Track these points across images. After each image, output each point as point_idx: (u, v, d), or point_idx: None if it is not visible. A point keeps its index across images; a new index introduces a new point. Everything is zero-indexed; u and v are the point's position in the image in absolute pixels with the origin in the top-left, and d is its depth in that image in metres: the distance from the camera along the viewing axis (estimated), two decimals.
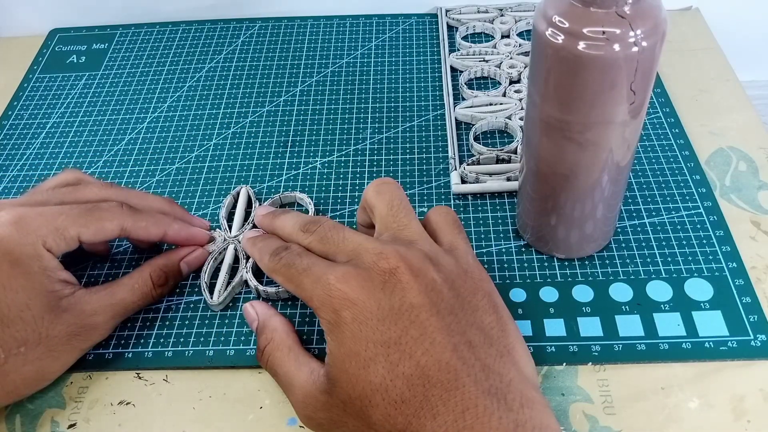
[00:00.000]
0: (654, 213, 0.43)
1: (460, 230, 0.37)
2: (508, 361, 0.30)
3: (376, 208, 0.36)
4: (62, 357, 0.36)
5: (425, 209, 0.44)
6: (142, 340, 0.39)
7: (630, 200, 0.44)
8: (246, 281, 0.40)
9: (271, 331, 0.36)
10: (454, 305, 0.31)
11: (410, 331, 0.30)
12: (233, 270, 0.41)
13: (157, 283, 0.39)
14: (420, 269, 0.32)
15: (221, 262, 0.42)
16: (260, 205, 0.44)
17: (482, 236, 0.42)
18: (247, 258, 0.41)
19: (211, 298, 0.39)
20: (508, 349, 0.31)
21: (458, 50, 0.56)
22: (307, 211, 0.44)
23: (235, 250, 0.42)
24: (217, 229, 0.43)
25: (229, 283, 0.40)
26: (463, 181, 0.45)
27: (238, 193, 0.46)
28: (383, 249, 0.32)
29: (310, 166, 0.48)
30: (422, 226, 0.36)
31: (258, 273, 0.41)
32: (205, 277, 0.41)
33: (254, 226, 0.43)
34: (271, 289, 0.39)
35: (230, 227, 0.43)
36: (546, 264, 0.41)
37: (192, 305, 0.40)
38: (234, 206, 0.45)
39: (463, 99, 0.52)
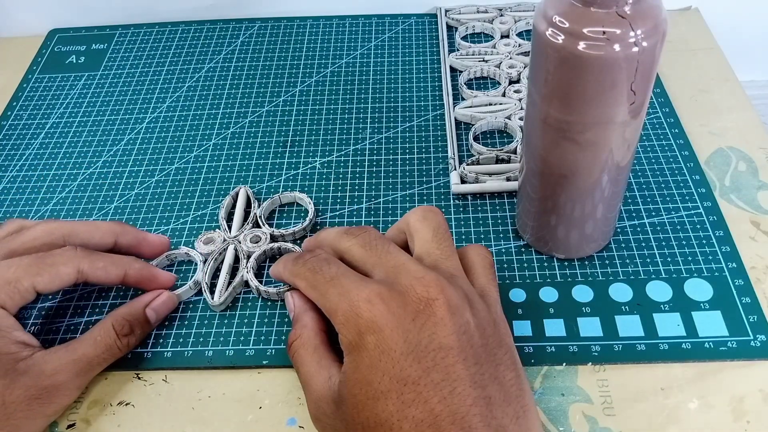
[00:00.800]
0: (654, 213, 0.43)
1: (494, 276, 0.35)
2: (523, 425, 0.29)
3: (419, 232, 0.34)
4: (23, 426, 0.33)
5: None
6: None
7: (630, 200, 0.44)
8: (247, 281, 0.40)
9: (301, 327, 0.34)
10: (480, 355, 0.29)
11: (432, 373, 0.28)
12: (233, 270, 0.41)
13: (121, 333, 0.36)
14: (458, 307, 0.30)
15: (221, 263, 0.41)
16: (259, 205, 0.44)
17: (482, 236, 0.42)
18: (248, 258, 0.41)
19: (212, 298, 0.39)
20: (524, 410, 0.29)
21: (458, 50, 0.56)
22: (307, 211, 0.44)
23: (235, 250, 0.42)
24: (217, 230, 0.43)
25: (230, 283, 0.40)
26: (463, 181, 0.45)
27: (237, 194, 0.46)
28: (426, 275, 0.30)
29: (310, 166, 0.48)
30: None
31: (258, 273, 0.41)
32: (205, 278, 0.40)
33: (255, 225, 0.43)
34: (272, 290, 0.39)
35: (230, 228, 0.43)
36: (546, 264, 0.41)
37: (191, 306, 0.40)
38: (233, 207, 0.45)
39: (463, 99, 0.52)
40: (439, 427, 0.27)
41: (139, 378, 0.37)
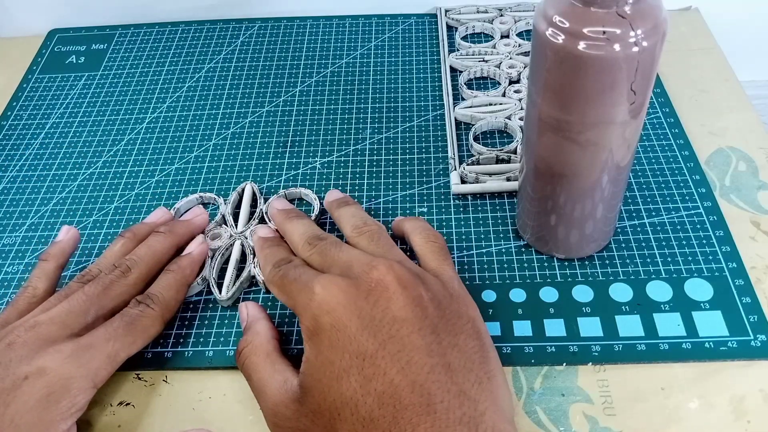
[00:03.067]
0: (654, 213, 0.43)
1: (445, 257, 0.37)
2: (486, 389, 0.29)
3: (356, 241, 0.38)
4: None
5: (425, 209, 0.44)
6: None
7: (630, 200, 0.44)
8: (254, 276, 0.40)
9: (253, 335, 0.35)
10: (437, 325, 0.30)
11: (388, 345, 0.29)
12: (240, 265, 0.41)
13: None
14: (409, 281, 0.31)
15: (228, 258, 0.42)
16: (265, 201, 0.44)
17: (482, 236, 0.42)
18: (254, 254, 0.41)
19: (220, 293, 0.39)
20: (488, 377, 0.30)
21: (458, 50, 0.56)
22: (312, 208, 0.45)
23: (242, 245, 0.42)
24: (223, 225, 0.43)
25: (237, 278, 0.40)
26: (463, 181, 0.45)
27: (243, 190, 0.46)
28: (374, 260, 0.32)
29: (310, 166, 0.48)
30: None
31: None
32: (213, 273, 0.41)
33: (261, 221, 0.43)
34: None
35: (236, 224, 0.43)
36: (546, 264, 0.41)
37: (191, 306, 0.40)
38: (239, 203, 0.45)
39: (463, 99, 0.52)
40: (399, 397, 0.28)
41: (139, 378, 0.37)
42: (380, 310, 0.30)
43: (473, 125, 0.49)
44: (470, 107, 0.51)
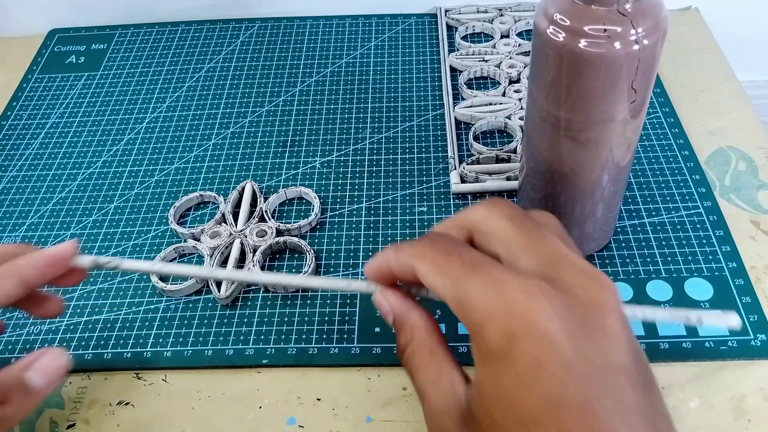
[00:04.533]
0: (654, 213, 0.43)
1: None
2: None
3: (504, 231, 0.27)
4: None
5: (425, 208, 0.44)
6: (140, 340, 0.39)
7: (630, 200, 0.44)
8: None
9: (411, 328, 0.28)
10: (649, 381, 0.23)
11: (603, 399, 0.22)
12: (239, 264, 0.41)
13: None
14: (627, 318, 0.24)
15: (227, 256, 0.41)
16: (265, 200, 0.44)
17: None
18: (254, 251, 0.41)
19: (219, 292, 0.39)
20: None
21: (458, 50, 0.56)
22: (312, 207, 0.44)
23: (241, 244, 0.42)
24: (223, 224, 0.43)
25: None
26: (463, 181, 0.45)
27: (243, 188, 0.46)
28: (594, 271, 0.24)
29: (310, 165, 0.48)
30: None
31: (264, 267, 0.41)
32: None
33: (261, 219, 0.43)
34: None
35: (236, 222, 0.43)
36: None
37: (191, 305, 0.40)
38: (239, 202, 0.45)
39: (463, 99, 0.52)
40: None
41: (138, 378, 0.37)
42: (599, 349, 0.23)
43: (473, 125, 0.49)
44: (470, 107, 0.51)
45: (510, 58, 0.54)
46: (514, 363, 0.22)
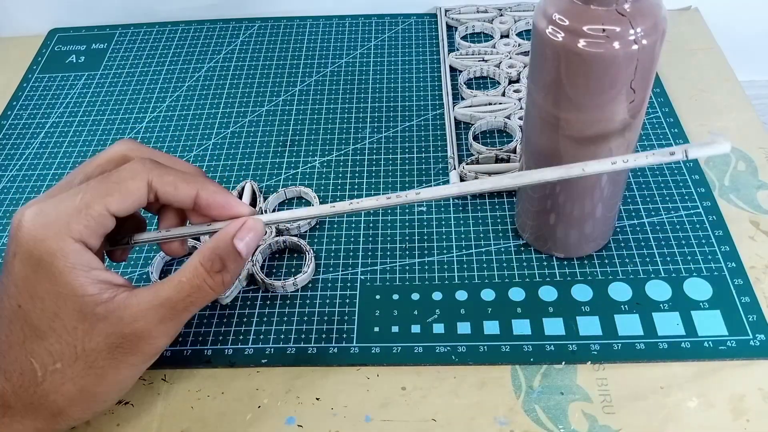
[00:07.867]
0: (653, 213, 0.43)
1: None
2: None
3: None
4: (108, 375, 0.30)
5: (424, 209, 0.44)
6: None
7: (629, 200, 0.44)
8: (252, 274, 0.40)
9: None
10: None
11: None
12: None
13: (212, 270, 0.31)
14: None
15: None
16: (265, 200, 0.44)
17: (481, 235, 0.42)
18: (254, 252, 0.41)
19: None
20: None
21: (457, 50, 0.56)
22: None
23: None
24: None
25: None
26: (462, 181, 0.45)
27: (242, 188, 0.46)
28: None
29: (309, 165, 0.48)
30: None
31: (264, 266, 0.41)
32: None
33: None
34: (277, 282, 0.39)
35: None
36: (545, 263, 0.41)
37: None
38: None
39: (462, 99, 0.52)
40: None
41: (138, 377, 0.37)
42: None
43: (473, 125, 0.49)
44: (470, 107, 0.51)
45: (510, 58, 0.54)
46: None
